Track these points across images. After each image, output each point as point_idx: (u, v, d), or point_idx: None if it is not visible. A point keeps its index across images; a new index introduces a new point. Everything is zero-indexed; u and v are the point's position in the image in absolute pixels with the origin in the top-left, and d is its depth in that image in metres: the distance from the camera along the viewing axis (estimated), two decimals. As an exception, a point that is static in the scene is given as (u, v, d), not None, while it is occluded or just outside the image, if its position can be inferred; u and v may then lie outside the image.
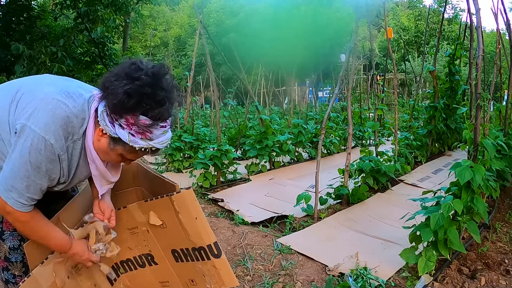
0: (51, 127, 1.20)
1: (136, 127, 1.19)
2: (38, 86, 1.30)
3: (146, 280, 1.71)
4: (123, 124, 1.19)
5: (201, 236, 1.48)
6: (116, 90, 1.15)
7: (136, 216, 1.57)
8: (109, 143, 1.25)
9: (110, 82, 1.18)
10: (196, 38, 5.49)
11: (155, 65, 1.21)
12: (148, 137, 1.21)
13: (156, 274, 1.69)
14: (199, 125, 8.31)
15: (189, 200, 1.44)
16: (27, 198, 1.24)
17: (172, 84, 1.23)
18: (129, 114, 1.17)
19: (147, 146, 1.23)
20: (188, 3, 29.36)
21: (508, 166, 3.33)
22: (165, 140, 1.26)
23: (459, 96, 5.78)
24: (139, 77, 1.16)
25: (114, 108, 1.18)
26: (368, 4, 6.94)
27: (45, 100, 1.23)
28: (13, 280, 1.49)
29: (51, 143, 1.20)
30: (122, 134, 1.20)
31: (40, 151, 1.19)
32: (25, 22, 7.35)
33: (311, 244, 2.76)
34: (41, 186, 1.25)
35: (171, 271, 1.65)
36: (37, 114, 1.20)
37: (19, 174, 1.21)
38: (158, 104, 1.18)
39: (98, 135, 1.26)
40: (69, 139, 1.26)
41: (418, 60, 20.34)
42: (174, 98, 1.23)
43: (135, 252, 1.67)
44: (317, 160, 3.43)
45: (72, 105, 1.25)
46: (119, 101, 1.15)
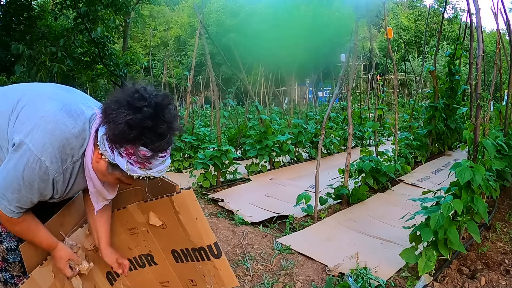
0: (48, 149, 1.20)
1: (135, 157, 1.18)
2: (40, 100, 1.29)
3: (146, 280, 1.71)
4: (122, 153, 1.19)
5: (201, 236, 1.48)
6: (117, 120, 1.14)
7: (136, 216, 1.57)
8: (107, 167, 1.25)
9: (111, 109, 1.16)
10: (196, 38, 5.49)
11: (158, 95, 1.19)
12: (147, 166, 1.21)
13: (156, 274, 1.69)
14: (199, 125, 8.31)
15: (189, 200, 1.44)
16: (16, 207, 1.26)
17: (174, 115, 1.21)
18: (129, 145, 1.17)
19: (145, 174, 1.23)
20: (188, 3, 29.35)
21: (508, 166, 3.32)
22: (163, 168, 1.26)
23: (459, 96, 5.78)
24: (141, 108, 1.14)
25: (114, 138, 1.17)
26: (368, 4, 6.95)
27: (45, 118, 1.22)
28: (12, 280, 1.49)
29: (46, 165, 1.21)
30: (121, 162, 1.20)
31: (34, 170, 1.20)
32: (25, 22, 7.34)
33: (311, 244, 2.76)
34: (31, 199, 1.28)
35: (171, 271, 1.65)
36: (36, 133, 1.20)
37: (11, 186, 1.23)
38: (159, 137, 1.17)
39: (97, 157, 1.26)
40: (68, 161, 1.26)
41: (418, 60, 20.33)
42: (175, 129, 1.22)
43: (135, 252, 1.67)
44: (317, 160, 3.43)
45: (73, 125, 1.25)
46: (120, 132, 1.14)
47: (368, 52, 10.18)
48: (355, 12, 7.72)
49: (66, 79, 7.95)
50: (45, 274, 1.49)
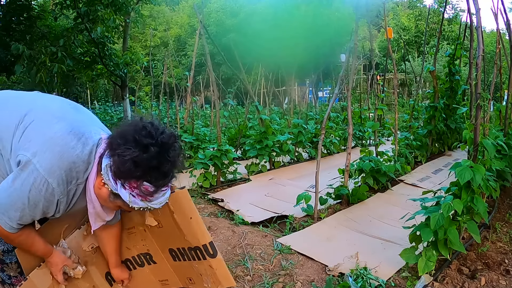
0: (56, 171, 1.22)
1: (138, 191, 1.21)
2: (48, 118, 1.29)
3: (145, 279, 1.71)
4: (125, 186, 1.21)
5: (197, 236, 1.49)
6: (123, 156, 1.16)
7: (133, 216, 1.57)
8: (109, 195, 1.27)
9: (118, 144, 1.19)
10: (196, 38, 5.49)
11: (164, 132, 1.22)
12: (148, 199, 1.25)
13: (155, 273, 1.69)
14: (199, 125, 8.31)
15: (183, 200, 1.45)
16: (17, 224, 1.27)
17: (178, 154, 1.25)
18: (133, 180, 1.20)
19: (145, 206, 1.26)
20: (188, 3, 29.35)
21: (508, 166, 3.32)
22: (163, 200, 1.30)
23: (459, 96, 5.78)
24: (148, 146, 1.17)
25: (119, 173, 1.19)
26: (368, 4, 6.95)
27: (54, 140, 1.24)
28: (9, 281, 1.50)
29: (53, 187, 1.22)
30: (123, 194, 1.22)
31: (40, 191, 1.22)
32: (25, 22, 7.35)
33: (311, 244, 2.76)
34: (33, 217, 1.29)
35: (169, 269, 1.65)
36: (44, 155, 1.21)
37: (16, 205, 1.23)
38: (163, 176, 1.22)
39: (99, 183, 1.28)
40: (73, 183, 1.28)
41: (418, 60, 20.33)
42: (177, 167, 1.26)
43: (134, 251, 1.67)
44: (317, 160, 3.42)
45: (80, 149, 1.26)
46: (125, 169, 1.17)
47: (368, 52, 10.18)
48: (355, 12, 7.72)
49: (66, 79, 7.96)
50: (43, 276, 1.49)
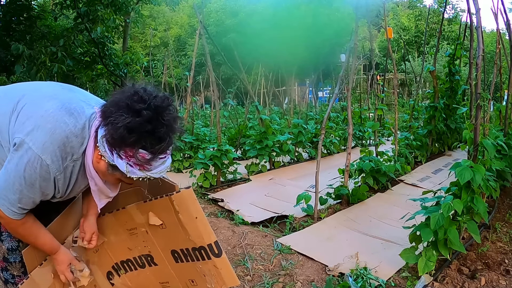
0: (49, 147, 1.20)
1: (134, 159, 1.17)
2: (40, 99, 1.29)
3: (146, 281, 1.71)
4: (121, 155, 1.18)
5: (202, 235, 1.48)
6: (116, 123, 1.13)
7: (135, 217, 1.57)
8: (107, 168, 1.24)
9: (110, 112, 1.16)
10: (196, 38, 5.49)
11: (157, 96, 1.18)
12: (147, 168, 1.20)
13: (156, 274, 1.68)
14: (199, 125, 8.30)
15: (189, 200, 1.44)
16: (19, 208, 1.26)
17: (174, 117, 1.20)
18: (128, 148, 1.16)
19: (144, 175, 1.22)
20: (188, 3, 29.35)
21: (508, 166, 3.32)
22: (163, 169, 1.25)
23: (459, 96, 5.78)
24: (140, 111, 1.13)
25: (113, 141, 1.16)
26: (368, 4, 6.94)
27: (45, 117, 1.22)
28: (12, 280, 1.50)
29: (47, 164, 1.21)
30: (120, 164, 1.19)
31: (35, 170, 1.20)
32: (25, 22, 7.35)
33: (311, 244, 2.76)
34: (33, 199, 1.27)
35: (170, 271, 1.65)
36: (36, 133, 1.20)
37: (13, 187, 1.22)
38: (159, 141, 1.16)
39: (97, 157, 1.25)
40: (68, 159, 1.26)
41: (418, 60, 20.33)
42: (175, 131, 1.21)
43: (135, 252, 1.66)
44: (317, 160, 3.42)
45: (73, 124, 1.24)
46: (119, 136, 1.14)
47: (368, 52, 10.18)
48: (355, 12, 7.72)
49: (66, 79, 7.94)
50: (44, 274, 1.49)
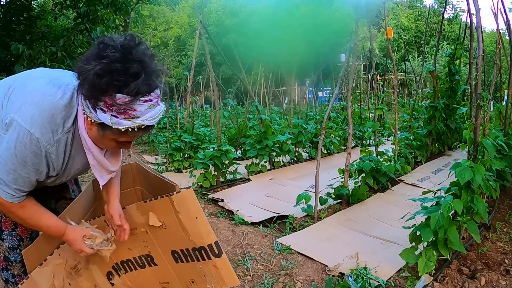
0: (37, 120, 1.17)
1: (116, 107, 1.11)
2: (29, 80, 1.29)
3: (146, 281, 1.71)
4: (103, 108, 1.13)
5: (202, 235, 1.47)
6: (87, 74, 1.10)
7: (135, 217, 1.56)
8: (98, 131, 1.21)
9: (81, 68, 1.12)
10: (196, 38, 5.49)
11: (125, 38, 1.13)
12: (132, 115, 1.14)
13: (156, 275, 1.68)
14: (199, 125, 8.31)
15: (189, 200, 1.43)
16: (15, 189, 1.23)
17: (146, 54, 1.15)
18: (105, 96, 1.10)
19: (134, 125, 1.15)
20: (188, 3, 29.35)
21: (508, 166, 3.32)
22: (154, 115, 1.18)
23: (459, 96, 5.78)
24: (106, 55, 1.09)
25: (88, 93, 1.12)
26: (368, 4, 6.95)
27: (33, 93, 1.21)
28: (13, 279, 1.50)
29: (37, 137, 1.18)
30: (105, 118, 1.14)
31: (25, 145, 1.17)
32: (25, 22, 7.35)
33: (311, 244, 2.76)
34: (28, 179, 1.24)
35: (170, 272, 1.65)
36: (24, 108, 1.18)
37: (6, 167, 1.20)
38: (132, 77, 1.09)
39: (88, 124, 1.23)
40: (59, 131, 1.23)
41: (418, 60, 20.34)
42: (151, 69, 1.15)
43: (135, 253, 1.66)
44: (317, 160, 3.42)
45: (60, 95, 1.22)
46: (90, 84, 1.10)
47: (368, 52, 10.18)
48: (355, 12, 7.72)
49: (66, 79, 7.94)
50: (44, 274, 1.49)
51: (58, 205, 1.68)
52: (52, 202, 1.66)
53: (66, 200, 1.71)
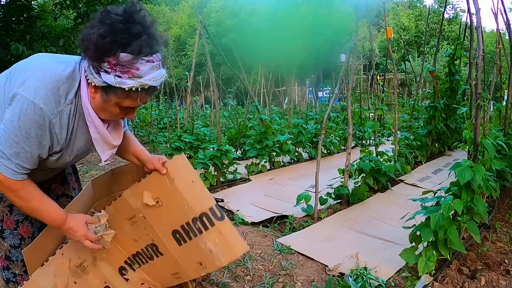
0: (40, 92, 1.20)
1: (120, 67, 1.16)
2: (29, 60, 1.32)
3: (160, 273, 1.65)
4: (107, 69, 1.17)
5: (201, 199, 1.41)
6: (91, 37, 1.15)
7: (131, 202, 1.51)
8: (102, 96, 1.24)
9: (85, 33, 1.17)
10: (196, 38, 5.49)
11: (126, 5, 1.19)
12: (136, 74, 1.17)
13: (165, 265, 1.62)
14: (199, 125, 8.32)
15: (182, 164, 1.39)
16: (17, 165, 1.23)
17: (147, 19, 1.20)
18: (109, 56, 1.15)
19: (137, 84, 1.18)
20: (188, 3, 29.35)
21: (508, 166, 3.32)
22: (157, 76, 1.21)
23: (459, 96, 5.78)
24: (110, 17, 1.15)
25: (93, 54, 1.16)
26: (368, 4, 6.95)
27: (35, 68, 1.24)
28: (14, 279, 1.50)
29: (40, 107, 1.19)
30: (109, 79, 1.18)
31: (29, 116, 1.18)
32: (25, 22, 7.35)
33: (311, 244, 2.76)
34: (31, 154, 1.24)
35: (176, 259, 1.56)
36: (28, 82, 1.21)
37: (9, 140, 1.20)
38: (134, 36, 1.15)
39: (91, 92, 1.25)
40: (62, 103, 1.25)
41: (418, 60, 20.34)
42: (153, 33, 1.19)
43: (141, 244, 1.61)
44: (317, 160, 3.42)
45: (62, 68, 1.26)
46: (94, 46, 1.14)
47: (368, 52, 10.18)
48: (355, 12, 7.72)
49: (66, 79, 7.95)
50: (46, 275, 1.48)
51: (59, 202, 1.69)
52: (53, 199, 1.66)
53: (68, 198, 1.71)
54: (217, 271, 2.36)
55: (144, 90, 1.22)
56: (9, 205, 1.44)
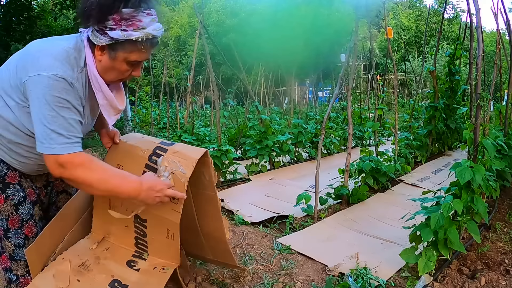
0: (54, 64, 1.25)
1: (124, 21, 1.26)
2: (30, 46, 1.37)
3: (159, 245, 1.64)
4: (112, 26, 1.26)
5: (152, 141, 1.61)
6: (92, 2, 1.24)
7: None
8: (109, 55, 1.32)
9: (85, 2, 1.26)
10: (196, 38, 5.49)
11: None
12: (140, 26, 1.28)
13: (155, 232, 1.62)
14: (199, 125, 8.32)
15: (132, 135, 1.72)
16: (68, 135, 1.25)
17: None
18: (112, 14, 1.25)
19: (143, 35, 1.29)
20: (188, 3, 29.34)
21: (508, 166, 3.32)
22: (157, 28, 1.33)
23: (459, 96, 5.78)
24: None
25: (97, 15, 1.25)
26: (368, 4, 6.94)
27: (40, 50, 1.30)
28: (16, 281, 1.50)
29: (60, 75, 1.24)
30: (116, 34, 1.27)
31: (54, 87, 1.23)
32: (25, 22, 7.36)
33: (311, 244, 2.76)
34: (73, 120, 1.28)
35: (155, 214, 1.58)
36: (38, 62, 1.25)
37: (47, 119, 1.22)
38: None
39: (98, 55, 1.33)
40: (75, 70, 1.31)
41: (418, 60, 20.34)
42: None
43: (131, 226, 1.64)
44: (317, 160, 3.42)
45: (65, 42, 1.33)
46: (98, 6, 1.23)
47: (368, 52, 10.19)
48: (355, 12, 7.71)
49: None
50: (46, 278, 1.48)
51: (59, 198, 1.70)
52: (53, 195, 1.68)
53: (67, 194, 1.73)
54: (217, 271, 2.36)
55: (149, 40, 1.32)
56: (15, 204, 1.45)
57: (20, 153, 1.39)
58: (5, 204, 1.43)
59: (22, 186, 1.47)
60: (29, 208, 1.48)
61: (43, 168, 1.49)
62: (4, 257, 1.47)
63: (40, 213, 1.56)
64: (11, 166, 1.43)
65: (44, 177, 1.60)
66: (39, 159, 1.40)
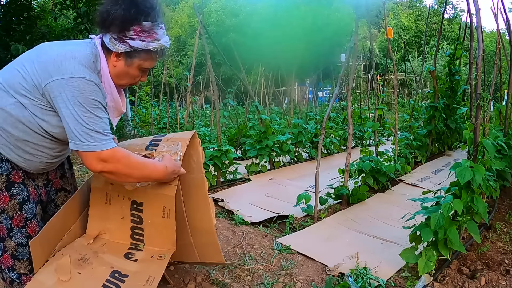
0: (80, 68, 1.34)
1: (144, 33, 1.41)
2: (47, 49, 1.41)
3: (156, 230, 1.66)
4: (132, 36, 1.40)
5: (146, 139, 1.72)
6: (116, 13, 1.36)
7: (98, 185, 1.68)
8: (125, 61, 1.45)
9: (106, 11, 1.37)
10: (196, 38, 5.49)
11: None
12: (156, 38, 1.44)
13: (152, 214, 1.65)
14: (199, 125, 8.32)
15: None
16: (105, 133, 1.36)
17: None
18: (134, 25, 1.39)
19: (158, 45, 1.45)
20: (188, 3, 29.34)
21: (508, 166, 3.32)
22: (168, 40, 1.50)
23: (459, 96, 5.78)
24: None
25: (121, 25, 1.38)
26: (368, 4, 6.94)
27: (61, 55, 1.36)
28: (19, 280, 1.51)
29: (87, 77, 1.34)
30: (136, 43, 1.41)
31: (84, 90, 1.32)
32: (25, 22, 7.35)
33: (311, 244, 2.76)
34: (105, 118, 1.39)
35: (151, 192, 1.64)
36: (61, 66, 1.33)
37: (84, 120, 1.32)
38: (152, 8, 1.41)
39: (113, 61, 1.45)
40: (96, 74, 1.41)
41: (418, 60, 20.34)
42: (160, 6, 1.46)
43: (127, 215, 1.66)
44: (317, 160, 3.42)
45: (82, 47, 1.43)
46: (123, 17, 1.36)
47: (368, 52, 10.18)
48: (355, 12, 7.72)
49: (66, 79, 7.96)
50: (47, 272, 1.49)
51: (58, 196, 1.72)
52: (52, 193, 1.69)
53: (66, 192, 1.75)
54: (217, 271, 2.36)
55: (161, 51, 1.49)
56: (19, 202, 1.47)
57: (27, 150, 1.43)
58: (9, 202, 1.44)
59: (26, 185, 1.49)
60: (32, 207, 1.51)
61: (46, 166, 1.53)
62: (6, 257, 1.48)
63: (41, 212, 1.58)
64: (16, 165, 1.45)
65: (44, 176, 1.63)
66: (45, 157, 1.48)
